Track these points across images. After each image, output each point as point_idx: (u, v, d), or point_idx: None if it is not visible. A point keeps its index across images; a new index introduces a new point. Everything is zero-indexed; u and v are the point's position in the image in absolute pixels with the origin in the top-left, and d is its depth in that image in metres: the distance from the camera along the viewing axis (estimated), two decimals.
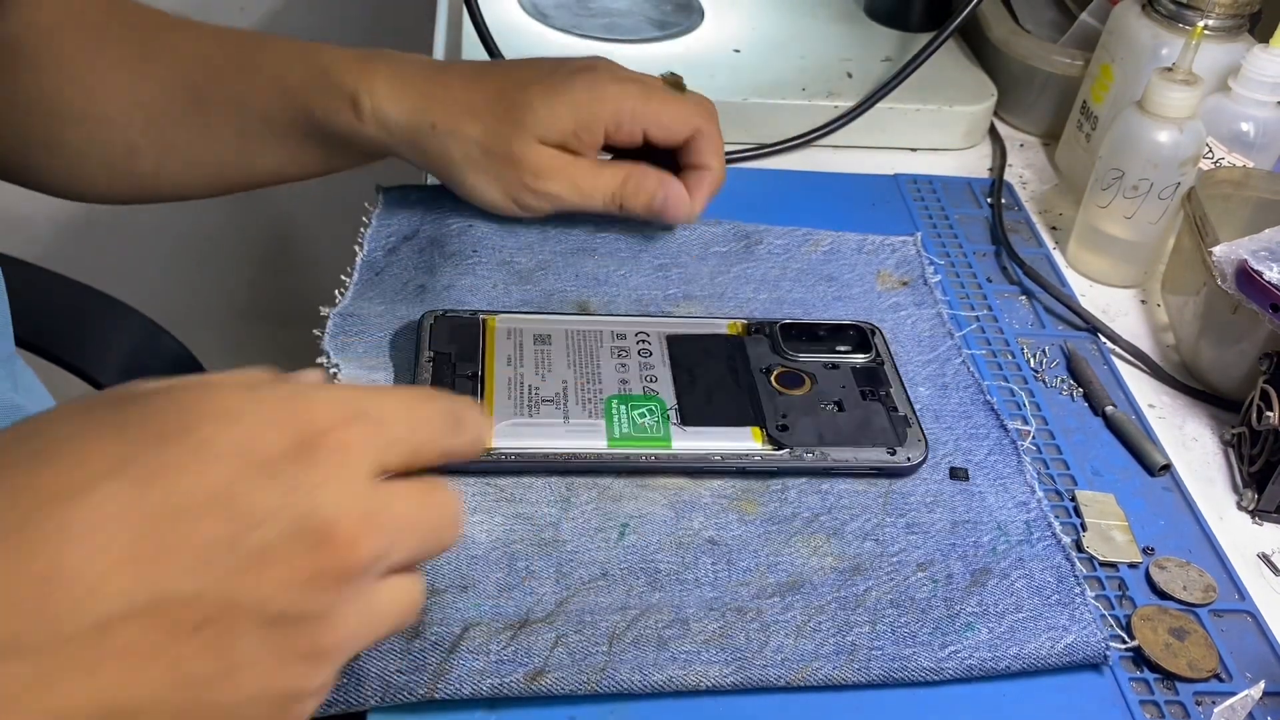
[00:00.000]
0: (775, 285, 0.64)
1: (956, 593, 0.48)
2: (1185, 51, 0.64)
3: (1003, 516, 0.52)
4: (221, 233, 1.48)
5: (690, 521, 0.50)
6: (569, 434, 0.52)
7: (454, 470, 0.50)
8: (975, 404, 0.58)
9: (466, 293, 0.61)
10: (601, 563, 0.48)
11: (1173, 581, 0.51)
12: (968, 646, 0.46)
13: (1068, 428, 0.59)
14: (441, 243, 0.63)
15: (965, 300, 0.67)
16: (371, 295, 0.60)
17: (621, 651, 0.44)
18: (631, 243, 0.66)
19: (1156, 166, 0.65)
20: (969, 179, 0.78)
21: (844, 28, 0.88)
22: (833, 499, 0.52)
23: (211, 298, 1.50)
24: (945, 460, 0.55)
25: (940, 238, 0.72)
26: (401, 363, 0.56)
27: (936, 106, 0.80)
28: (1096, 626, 0.48)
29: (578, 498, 0.51)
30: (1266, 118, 0.68)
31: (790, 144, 0.78)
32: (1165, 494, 0.56)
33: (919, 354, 0.61)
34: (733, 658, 0.45)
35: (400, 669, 0.42)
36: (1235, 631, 0.50)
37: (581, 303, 0.61)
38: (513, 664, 0.43)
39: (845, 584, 0.48)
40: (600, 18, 0.83)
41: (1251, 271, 0.57)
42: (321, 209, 1.46)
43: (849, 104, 0.78)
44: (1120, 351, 0.65)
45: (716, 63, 0.81)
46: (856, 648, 0.46)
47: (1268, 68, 0.67)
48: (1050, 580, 0.49)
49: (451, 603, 0.45)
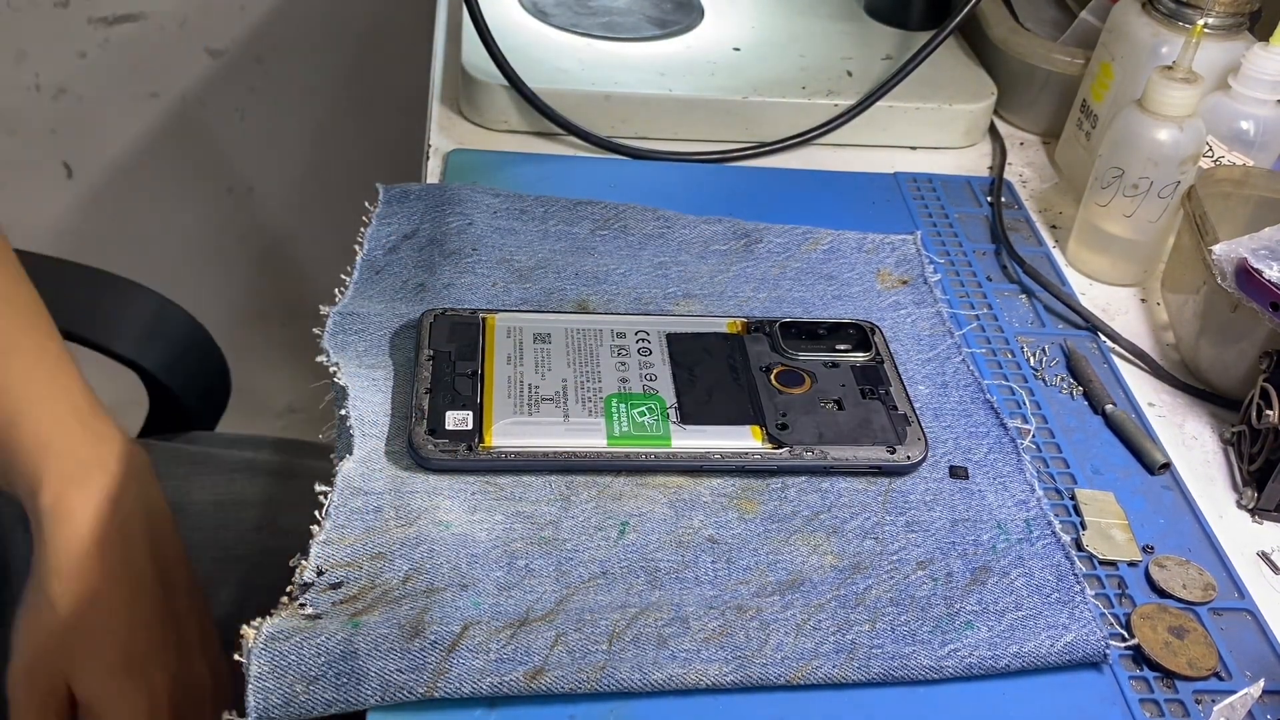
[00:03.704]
0: (775, 284, 0.64)
1: (956, 591, 0.49)
2: (1185, 50, 0.63)
3: (1002, 515, 0.52)
4: (221, 232, 1.48)
5: (690, 520, 0.50)
6: (569, 432, 0.52)
7: (454, 469, 0.51)
8: (975, 402, 0.58)
9: (466, 291, 0.61)
10: (601, 561, 0.48)
11: (1172, 580, 0.51)
12: (967, 645, 0.46)
13: (1067, 426, 0.59)
14: (441, 241, 0.63)
15: (965, 299, 0.67)
16: (371, 294, 0.60)
17: (621, 650, 0.44)
18: (631, 242, 0.66)
19: (1156, 165, 0.65)
20: (969, 177, 0.78)
21: (844, 26, 0.88)
22: (832, 497, 0.52)
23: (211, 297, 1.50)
24: (945, 459, 0.55)
25: (940, 236, 0.72)
26: (401, 361, 0.56)
27: (936, 105, 0.80)
28: (1096, 625, 0.48)
29: (577, 496, 0.51)
30: (1266, 116, 0.68)
31: (790, 142, 0.78)
32: (1165, 492, 0.56)
33: (919, 352, 0.61)
34: (732, 656, 0.45)
35: (400, 668, 0.42)
36: (1235, 630, 0.50)
37: (581, 301, 0.61)
38: (512, 662, 0.43)
39: (845, 582, 0.48)
40: (600, 16, 0.83)
41: (1251, 270, 0.57)
42: (321, 208, 1.46)
43: (849, 102, 0.78)
44: (1120, 350, 0.65)
45: (716, 61, 0.81)
46: (856, 646, 0.46)
47: (1268, 66, 0.67)
48: (1050, 578, 0.49)
49: (451, 601, 0.45)
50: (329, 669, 0.42)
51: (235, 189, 1.45)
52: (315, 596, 0.45)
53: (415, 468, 0.51)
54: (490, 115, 0.76)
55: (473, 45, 0.75)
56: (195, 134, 1.40)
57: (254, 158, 1.44)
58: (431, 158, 0.73)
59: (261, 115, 1.40)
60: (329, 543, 0.47)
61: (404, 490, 0.49)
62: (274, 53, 1.35)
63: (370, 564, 0.46)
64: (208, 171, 1.43)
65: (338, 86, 1.37)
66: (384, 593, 0.45)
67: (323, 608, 0.44)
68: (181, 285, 1.47)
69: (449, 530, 0.48)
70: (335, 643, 0.43)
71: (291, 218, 1.48)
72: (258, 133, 1.41)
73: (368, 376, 0.54)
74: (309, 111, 1.39)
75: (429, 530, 0.48)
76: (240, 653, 0.42)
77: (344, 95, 1.38)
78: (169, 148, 1.41)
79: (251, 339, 1.56)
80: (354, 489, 0.49)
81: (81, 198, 1.42)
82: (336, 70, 1.35)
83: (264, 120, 1.40)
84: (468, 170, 0.72)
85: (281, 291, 1.52)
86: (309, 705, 0.42)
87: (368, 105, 1.38)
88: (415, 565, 0.46)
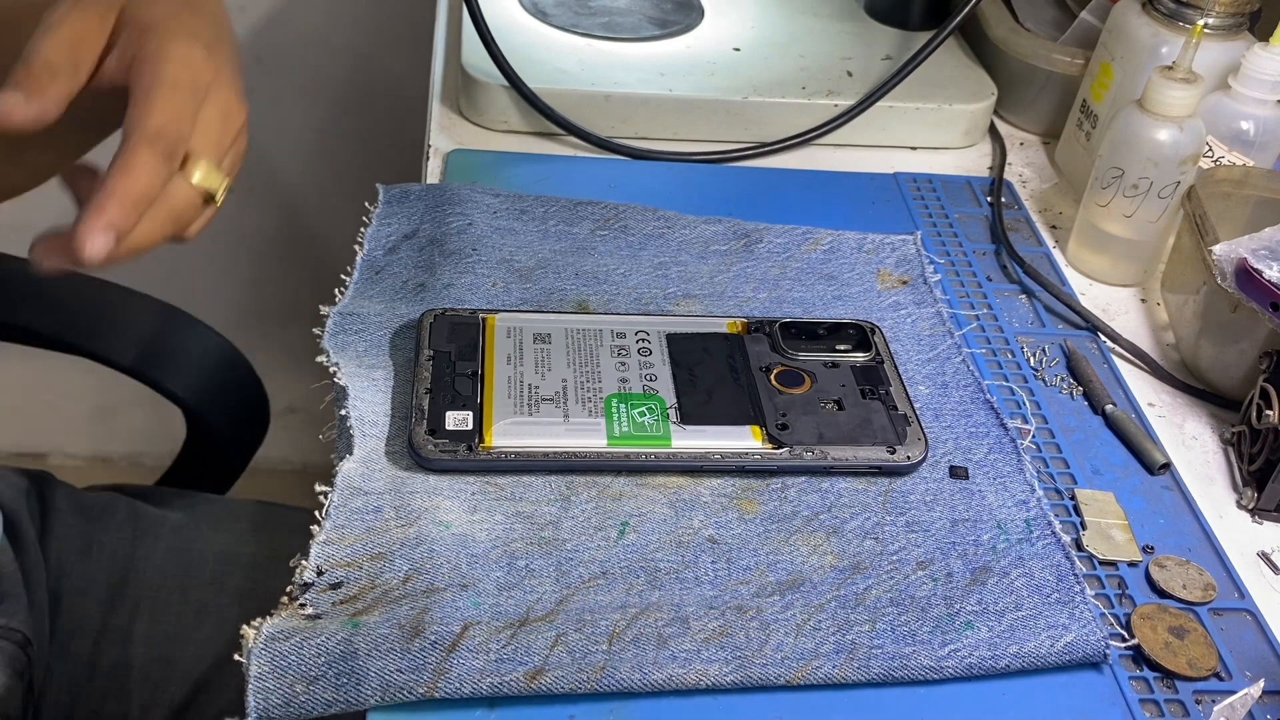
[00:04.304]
0: (775, 284, 0.64)
1: (956, 591, 0.49)
2: (1185, 50, 0.63)
3: (1002, 515, 0.52)
4: (220, 232, 1.48)
5: (690, 520, 0.50)
6: (569, 433, 0.52)
7: (454, 469, 0.51)
8: (975, 403, 0.58)
9: (466, 291, 0.61)
10: (601, 561, 0.48)
11: (1172, 580, 0.51)
12: (967, 645, 0.46)
13: (1067, 426, 0.59)
14: (441, 241, 0.63)
15: (965, 299, 0.67)
16: (371, 294, 0.60)
17: (621, 650, 0.44)
18: (631, 242, 0.66)
19: (1156, 165, 0.65)
20: (969, 178, 0.78)
21: (844, 26, 0.88)
22: (832, 497, 0.52)
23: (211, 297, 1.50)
24: (945, 459, 0.55)
25: (940, 236, 0.72)
26: (401, 361, 0.56)
27: (936, 105, 0.80)
28: (1096, 625, 0.48)
29: (577, 496, 0.51)
30: (1266, 116, 0.68)
31: (790, 142, 0.78)
32: (1165, 492, 0.56)
33: (919, 353, 0.61)
34: (732, 656, 0.45)
35: (400, 668, 0.42)
36: (1235, 630, 0.50)
37: (581, 301, 0.61)
38: (512, 663, 0.43)
39: (845, 582, 0.48)
40: (600, 16, 0.83)
41: (1251, 270, 0.57)
42: (322, 208, 1.46)
43: (849, 102, 0.78)
44: (1120, 350, 0.65)
45: (716, 61, 0.81)
46: (856, 646, 0.46)
47: (1268, 66, 0.67)
48: (1050, 579, 0.49)
49: (451, 602, 0.45)
50: (329, 669, 0.42)
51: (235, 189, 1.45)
52: (315, 596, 0.45)
53: (415, 468, 0.51)
54: (490, 115, 0.76)
55: (473, 45, 0.75)
56: None
57: (254, 158, 1.43)
58: (431, 158, 0.73)
59: (261, 115, 1.40)
60: (329, 543, 0.47)
61: (404, 490, 0.49)
62: (274, 53, 1.34)
63: (370, 564, 0.46)
64: None
65: (338, 86, 1.36)
66: (384, 593, 0.45)
67: (323, 608, 0.44)
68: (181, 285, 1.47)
69: (449, 530, 0.48)
70: (335, 643, 0.43)
71: (291, 218, 1.48)
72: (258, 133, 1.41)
73: (368, 377, 0.54)
74: (309, 111, 1.38)
75: (429, 530, 0.48)
76: (240, 653, 0.42)
77: (344, 95, 1.38)
78: None
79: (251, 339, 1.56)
80: (354, 489, 0.49)
81: None
82: (336, 70, 1.35)
83: (264, 120, 1.40)
84: (468, 170, 0.72)
85: (281, 291, 1.52)
86: (309, 705, 0.42)
87: (368, 105, 1.38)
88: (415, 565, 0.46)
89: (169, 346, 0.81)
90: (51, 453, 1.60)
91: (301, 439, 1.34)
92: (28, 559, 0.68)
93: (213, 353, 0.82)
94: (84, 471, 1.59)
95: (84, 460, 1.60)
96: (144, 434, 1.55)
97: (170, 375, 0.79)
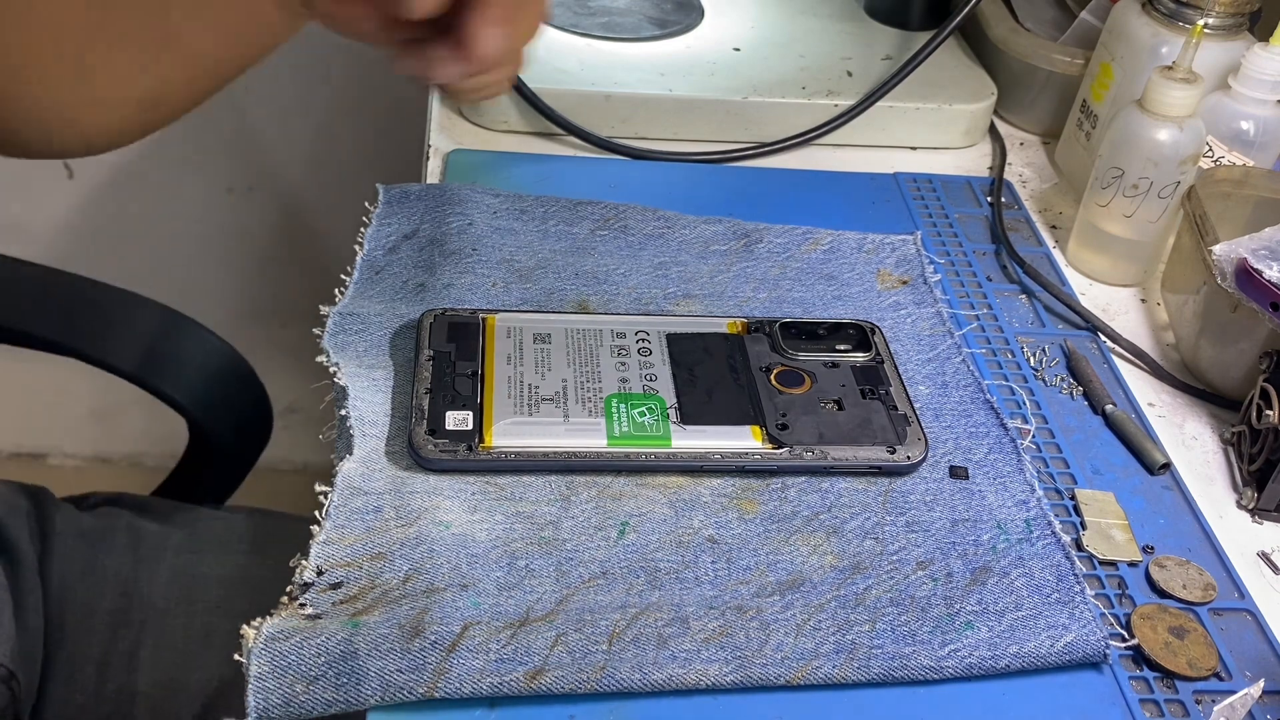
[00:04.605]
0: (775, 284, 0.64)
1: (956, 591, 0.49)
2: (1185, 50, 0.63)
3: (1002, 515, 0.52)
4: (220, 232, 1.48)
5: (690, 520, 0.50)
6: (569, 433, 0.52)
7: (454, 469, 0.51)
8: (975, 403, 0.58)
9: (466, 291, 0.61)
10: (601, 561, 0.48)
11: (1172, 580, 0.51)
12: (967, 645, 0.46)
13: (1067, 426, 0.59)
14: (441, 241, 0.63)
15: (965, 299, 0.67)
16: (371, 294, 0.60)
17: (621, 650, 0.44)
18: (631, 242, 0.66)
19: (1156, 165, 0.65)
20: (969, 178, 0.78)
21: (844, 26, 0.88)
22: (832, 497, 0.52)
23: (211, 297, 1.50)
24: (945, 459, 0.55)
25: (940, 236, 0.72)
26: (401, 361, 0.56)
27: (936, 105, 0.80)
28: (1096, 625, 0.48)
29: (577, 496, 0.51)
30: (1266, 116, 0.68)
31: (790, 142, 0.78)
32: (1165, 492, 0.56)
33: (919, 353, 0.61)
34: (732, 656, 0.45)
35: (400, 668, 0.42)
36: (1235, 630, 0.50)
37: (581, 301, 0.61)
38: (513, 663, 0.43)
39: (845, 582, 0.48)
40: (599, 16, 0.83)
41: (1251, 270, 0.57)
42: (321, 208, 1.46)
43: (849, 102, 0.78)
44: (1120, 350, 0.65)
45: (716, 61, 0.81)
46: (856, 646, 0.46)
47: (1268, 66, 0.67)
48: (1050, 579, 0.49)
49: (451, 601, 0.45)
50: (329, 669, 0.42)
51: (235, 189, 1.45)
52: (315, 596, 0.45)
53: (415, 468, 0.51)
54: (490, 115, 0.76)
55: None
56: (195, 134, 1.40)
57: (254, 158, 1.43)
58: (431, 158, 0.73)
59: (261, 115, 1.40)
60: (329, 542, 0.47)
61: (404, 490, 0.49)
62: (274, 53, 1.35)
63: (370, 564, 0.46)
64: (208, 171, 1.43)
65: (338, 86, 1.36)
66: (384, 593, 0.45)
67: (323, 608, 0.44)
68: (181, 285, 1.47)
69: (449, 530, 0.48)
70: (335, 643, 0.43)
71: (291, 218, 1.48)
72: (258, 133, 1.41)
73: (368, 377, 0.54)
74: (309, 111, 1.39)
75: (429, 530, 0.48)
76: (240, 653, 0.42)
77: (344, 95, 1.38)
78: (169, 148, 1.40)
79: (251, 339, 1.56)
80: (354, 489, 0.49)
81: (81, 198, 1.42)
82: (336, 70, 1.35)
83: (264, 120, 1.40)
84: (468, 170, 0.72)
85: (281, 291, 1.52)
86: (309, 705, 0.42)
87: (368, 105, 1.38)
88: (415, 565, 0.46)
89: (172, 353, 0.80)
90: (51, 453, 1.60)
91: (301, 439, 1.34)
92: (23, 585, 0.68)
93: (216, 360, 0.81)
94: (83, 472, 1.59)
95: (84, 461, 1.60)
96: (144, 435, 1.55)
97: (173, 383, 0.79)
